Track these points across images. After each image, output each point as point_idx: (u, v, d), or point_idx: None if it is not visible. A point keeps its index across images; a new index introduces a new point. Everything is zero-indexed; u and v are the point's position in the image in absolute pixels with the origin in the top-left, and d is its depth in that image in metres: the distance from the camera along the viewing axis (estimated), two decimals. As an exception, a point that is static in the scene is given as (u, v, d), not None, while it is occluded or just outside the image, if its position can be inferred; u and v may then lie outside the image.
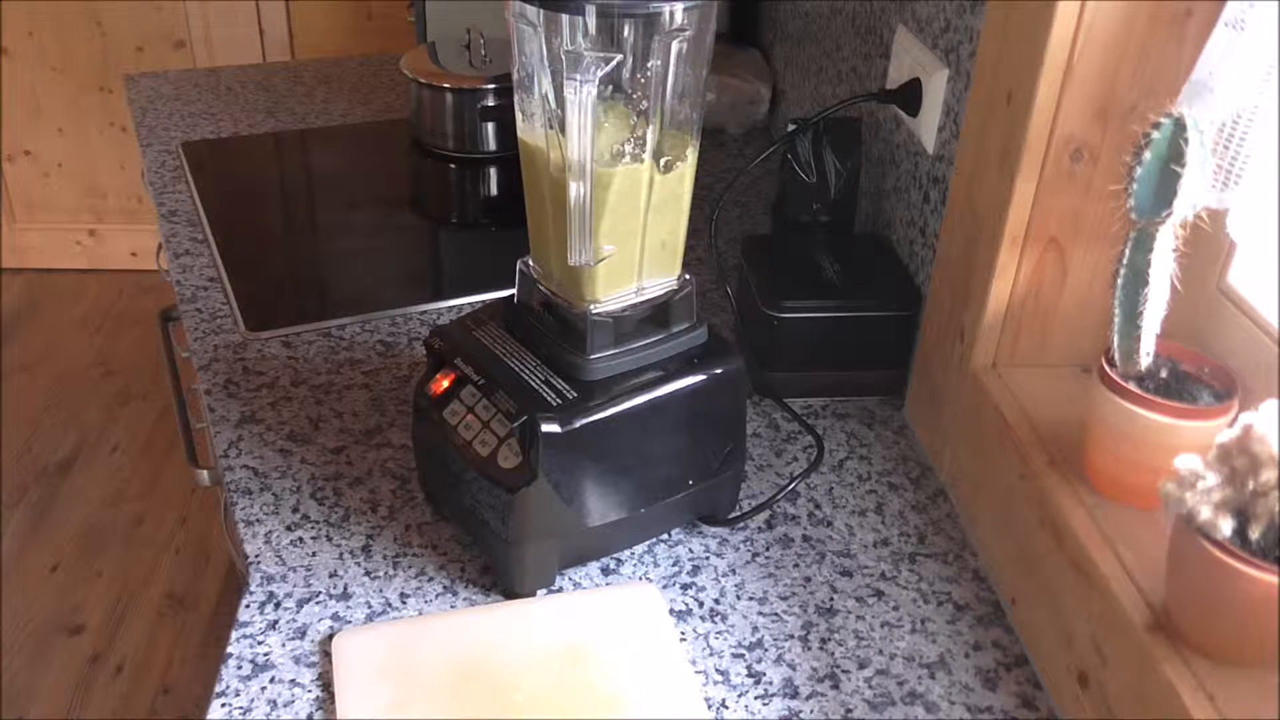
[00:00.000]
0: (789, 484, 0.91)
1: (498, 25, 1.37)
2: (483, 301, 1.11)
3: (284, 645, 0.77)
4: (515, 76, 0.75)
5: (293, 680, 0.75)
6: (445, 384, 0.81)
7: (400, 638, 0.76)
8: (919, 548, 0.87)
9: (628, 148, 0.73)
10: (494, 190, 1.43)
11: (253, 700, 0.73)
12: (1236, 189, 0.69)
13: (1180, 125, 0.64)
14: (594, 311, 0.76)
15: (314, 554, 0.84)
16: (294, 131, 1.52)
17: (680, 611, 0.81)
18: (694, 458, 0.83)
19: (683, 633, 0.79)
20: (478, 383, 0.79)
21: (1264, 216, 0.69)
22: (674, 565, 0.85)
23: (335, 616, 0.79)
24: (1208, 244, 0.79)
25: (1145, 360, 0.72)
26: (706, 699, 0.75)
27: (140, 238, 3.01)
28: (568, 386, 0.77)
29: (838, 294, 0.98)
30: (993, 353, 0.87)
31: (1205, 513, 0.59)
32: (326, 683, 0.75)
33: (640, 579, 0.84)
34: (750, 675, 0.77)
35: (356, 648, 0.75)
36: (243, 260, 1.21)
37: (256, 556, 0.84)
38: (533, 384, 0.77)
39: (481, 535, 0.81)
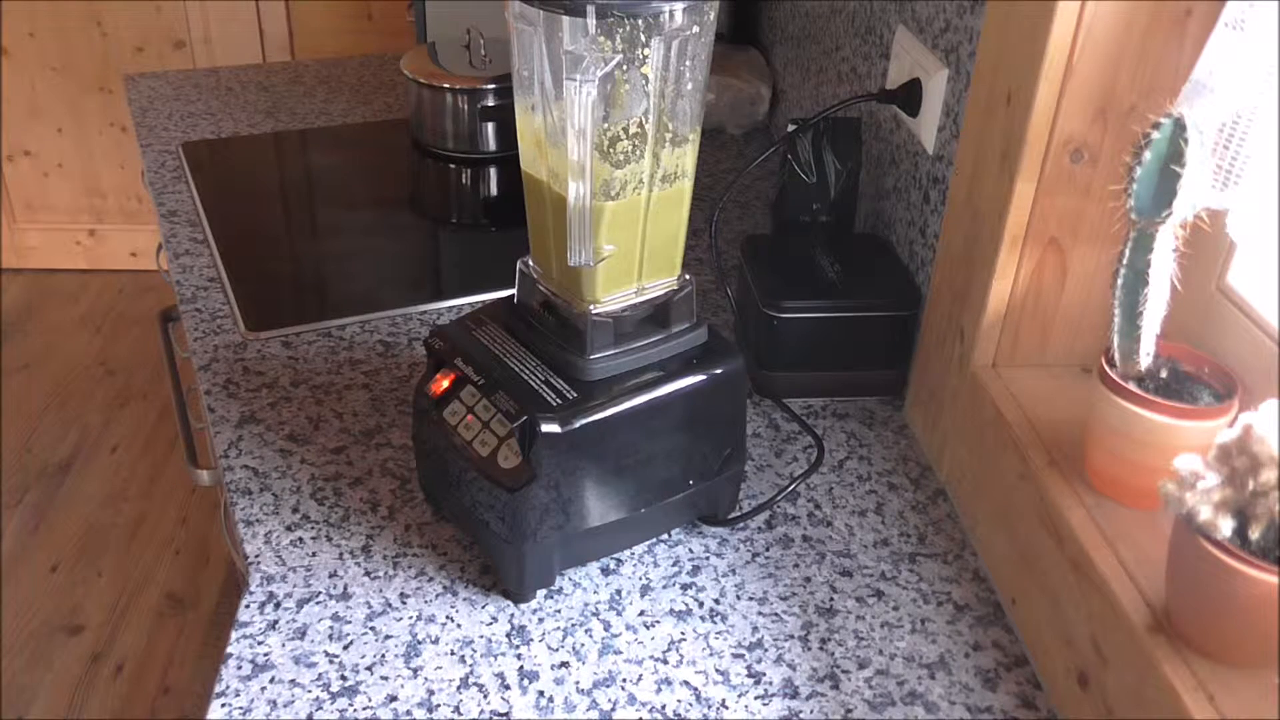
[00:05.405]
0: (789, 484, 0.91)
1: (498, 25, 1.37)
2: (483, 301, 1.11)
3: (284, 645, 0.77)
4: (515, 77, 0.75)
5: (293, 680, 0.75)
6: (445, 384, 0.81)
7: None
8: (919, 548, 0.87)
9: (628, 147, 0.73)
10: (494, 190, 1.43)
11: (253, 700, 0.73)
12: (1236, 189, 0.69)
13: (1180, 125, 0.64)
14: (594, 312, 0.76)
15: (314, 554, 0.84)
16: (294, 131, 1.52)
17: (680, 611, 0.81)
18: (694, 458, 0.83)
19: (682, 633, 0.79)
20: (478, 383, 0.79)
21: (1264, 216, 0.69)
22: (674, 565, 0.85)
23: (335, 616, 0.79)
24: (1208, 244, 0.79)
25: (1145, 360, 0.72)
26: (706, 699, 0.75)
27: (140, 238, 3.01)
28: (568, 386, 0.77)
29: (838, 294, 0.98)
30: (993, 353, 0.87)
31: (1205, 513, 0.59)
32: (326, 683, 0.75)
33: (640, 579, 0.84)
34: (750, 675, 0.77)
35: None
36: (243, 260, 1.21)
37: (256, 556, 0.84)
38: (533, 384, 0.77)
39: (481, 535, 0.81)
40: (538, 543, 0.78)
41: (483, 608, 0.81)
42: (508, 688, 0.75)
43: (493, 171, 1.44)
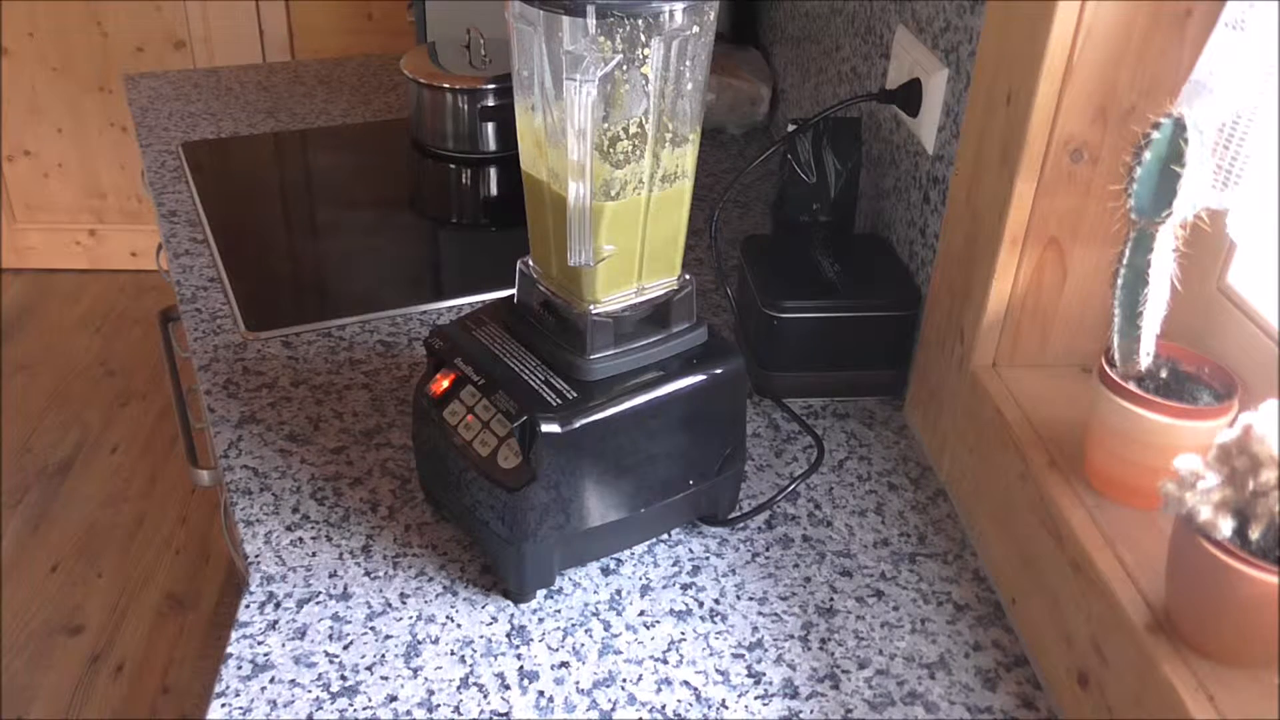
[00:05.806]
0: (789, 484, 0.91)
1: (498, 25, 1.37)
2: (483, 301, 1.11)
3: (284, 645, 0.77)
4: (515, 77, 0.75)
5: (293, 680, 0.75)
6: (445, 384, 0.81)
7: None
8: (919, 548, 0.87)
9: (628, 147, 0.73)
10: (494, 190, 1.43)
11: (253, 700, 0.73)
12: (1236, 189, 0.69)
13: (1180, 125, 0.64)
14: (594, 312, 0.76)
15: (314, 554, 0.84)
16: (294, 131, 1.52)
17: (680, 611, 0.81)
18: (694, 458, 0.83)
19: (682, 633, 0.79)
20: (478, 383, 0.79)
21: (1264, 216, 0.69)
22: (674, 565, 0.85)
23: (335, 616, 0.79)
24: (1208, 244, 0.79)
25: (1145, 360, 0.72)
26: (706, 699, 0.75)
27: (140, 238, 3.01)
28: (568, 386, 0.77)
29: (838, 294, 0.98)
30: (993, 353, 0.87)
31: (1205, 513, 0.59)
32: (326, 683, 0.75)
33: (640, 579, 0.84)
34: (750, 675, 0.77)
35: None
36: (243, 260, 1.21)
37: (256, 556, 0.84)
38: (533, 384, 0.77)
39: (481, 535, 0.81)
40: (538, 543, 0.78)
41: (483, 608, 0.81)
42: (508, 688, 0.75)
43: (493, 171, 1.44)
